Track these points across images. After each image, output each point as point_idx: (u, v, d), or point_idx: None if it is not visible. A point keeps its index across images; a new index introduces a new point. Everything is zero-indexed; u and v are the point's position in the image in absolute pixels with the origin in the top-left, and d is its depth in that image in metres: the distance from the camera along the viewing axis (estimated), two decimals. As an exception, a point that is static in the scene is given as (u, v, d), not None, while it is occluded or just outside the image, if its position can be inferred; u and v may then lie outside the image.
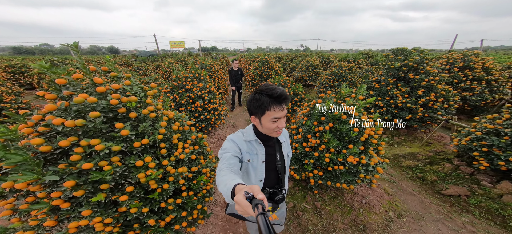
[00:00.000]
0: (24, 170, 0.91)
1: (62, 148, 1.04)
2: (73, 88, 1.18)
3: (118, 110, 1.20)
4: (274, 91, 0.86)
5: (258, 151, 1.03)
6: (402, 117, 3.34)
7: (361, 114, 2.00)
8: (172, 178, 1.41)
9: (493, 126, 2.17)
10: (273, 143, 1.10)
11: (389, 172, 3.36)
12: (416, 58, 3.29)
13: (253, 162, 1.03)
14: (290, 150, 1.22)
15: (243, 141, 1.03)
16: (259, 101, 0.88)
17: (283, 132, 1.18)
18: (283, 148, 1.13)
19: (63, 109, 1.10)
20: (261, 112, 0.90)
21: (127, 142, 1.20)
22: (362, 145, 1.92)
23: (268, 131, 0.96)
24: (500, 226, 2.16)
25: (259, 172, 1.05)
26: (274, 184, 1.11)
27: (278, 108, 0.88)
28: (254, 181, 1.05)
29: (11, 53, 78.22)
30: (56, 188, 1.07)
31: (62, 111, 1.10)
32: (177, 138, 1.50)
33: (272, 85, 0.90)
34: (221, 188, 0.70)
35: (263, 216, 0.46)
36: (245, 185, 0.61)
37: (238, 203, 0.53)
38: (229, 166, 0.85)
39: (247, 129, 1.07)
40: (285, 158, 1.13)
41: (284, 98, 0.87)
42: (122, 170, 1.17)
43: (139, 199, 1.31)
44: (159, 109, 1.48)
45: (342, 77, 5.47)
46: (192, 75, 3.60)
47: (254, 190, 0.54)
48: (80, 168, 1.02)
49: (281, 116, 0.90)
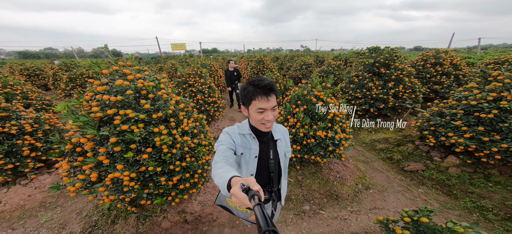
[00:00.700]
0: (89, 127, 1.44)
1: (109, 116, 1.56)
2: (112, 77, 1.70)
3: (141, 91, 1.72)
4: (260, 81, 0.87)
5: (252, 146, 1.02)
6: (377, 106, 3.82)
7: (328, 98, 2.50)
8: (179, 145, 1.93)
9: (437, 108, 2.65)
10: (267, 139, 1.07)
11: (365, 154, 3.84)
12: (386, 55, 3.79)
13: (246, 156, 1.01)
14: (288, 149, 1.16)
15: (237, 134, 1.03)
16: (246, 91, 0.90)
17: (280, 129, 1.16)
18: (279, 146, 1.09)
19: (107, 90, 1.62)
20: (248, 101, 0.91)
21: (148, 114, 1.72)
22: (329, 122, 2.42)
23: (255, 123, 0.95)
24: (446, 194, 2.63)
25: (251, 166, 1.03)
26: (265, 182, 1.09)
27: (263, 99, 0.87)
28: (245, 174, 1.04)
29: (16, 57, 79.70)
30: (102, 146, 1.59)
31: (106, 92, 1.63)
32: (183, 115, 2.02)
33: (261, 76, 0.92)
34: (216, 180, 0.70)
35: (259, 206, 0.46)
36: (241, 177, 0.61)
37: (235, 195, 0.53)
38: (224, 158, 0.85)
39: (244, 123, 1.07)
40: (281, 157, 1.09)
41: (269, 88, 0.86)
42: (144, 134, 1.69)
43: (155, 160, 1.82)
44: (169, 93, 2.00)
45: (330, 73, 5.97)
46: (195, 72, 4.13)
47: (250, 182, 0.54)
48: (120, 129, 1.54)
49: (267, 107, 0.88)
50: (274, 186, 1.09)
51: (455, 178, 2.65)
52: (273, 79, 4.97)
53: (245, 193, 0.52)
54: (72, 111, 1.48)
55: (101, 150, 1.56)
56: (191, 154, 2.14)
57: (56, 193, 2.71)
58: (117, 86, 1.59)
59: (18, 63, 13.22)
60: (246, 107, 0.95)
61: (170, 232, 2.22)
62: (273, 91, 0.88)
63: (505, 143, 2.08)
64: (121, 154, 1.65)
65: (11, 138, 2.39)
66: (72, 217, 2.36)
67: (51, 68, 8.58)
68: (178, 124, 2.00)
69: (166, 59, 18.50)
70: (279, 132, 1.13)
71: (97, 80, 1.69)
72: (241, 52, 53.25)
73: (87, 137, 1.48)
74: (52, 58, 22.14)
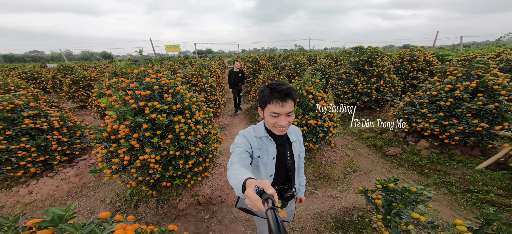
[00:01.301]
0: (128, 115, 1.79)
1: (140, 107, 1.92)
2: (140, 75, 2.05)
3: (164, 87, 2.08)
4: (278, 86, 0.87)
5: (269, 148, 1.03)
6: (362, 100, 4.30)
7: (317, 91, 2.93)
8: (193, 132, 2.29)
9: (409, 99, 3.13)
10: (283, 141, 1.09)
11: (353, 142, 4.31)
12: (368, 54, 4.28)
13: (263, 158, 1.02)
14: (302, 150, 1.19)
15: (253, 137, 1.04)
16: (263, 93, 0.90)
17: (295, 131, 1.17)
18: (294, 147, 1.12)
19: (136, 87, 1.98)
20: (264, 104, 0.91)
21: (169, 106, 2.09)
22: (318, 112, 2.85)
23: (269, 125, 0.96)
24: (420, 173, 3.09)
25: (269, 168, 1.04)
26: (284, 181, 1.11)
27: (278, 104, 0.87)
28: (264, 176, 1.05)
29: (1, 60, 76.46)
30: (135, 133, 1.94)
31: (137, 88, 1.98)
32: (195, 107, 2.39)
33: (281, 81, 0.92)
34: (232, 181, 0.70)
35: (272, 211, 0.46)
36: (256, 180, 0.61)
37: (249, 197, 0.53)
38: (240, 160, 0.86)
39: (259, 125, 1.08)
40: (296, 158, 1.12)
41: (285, 94, 0.86)
42: (167, 122, 2.05)
43: (174, 145, 2.18)
44: (183, 89, 2.37)
45: (322, 71, 6.45)
46: (197, 72, 4.48)
47: (265, 185, 0.54)
48: (149, 117, 1.90)
49: (281, 112, 0.88)
50: (293, 184, 1.13)
51: (426, 159, 3.14)
52: (269, 77, 5.37)
53: (259, 195, 0.52)
54: (111, 104, 1.82)
55: (135, 135, 1.91)
56: (202, 141, 2.51)
57: (90, 178, 3.00)
58: (146, 83, 1.95)
59: (9, 67, 13.00)
60: (262, 109, 0.95)
61: (185, 212, 2.57)
62: (289, 97, 0.87)
63: (461, 126, 2.57)
64: (149, 139, 2.00)
65: (41, 133, 2.68)
66: (98, 204, 2.67)
67: (46, 71, 8.65)
68: (192, 115, 2.37)
69: (161, 60, 18.62)
70: (294, 133, 1.15)
71: (127, 79, 2.04)
72: (236, 53, 53.55)
73: (125, 124, 1.83)
74: (42, 62, 21.68)
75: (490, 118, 2.42)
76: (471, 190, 2.41)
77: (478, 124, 2.45)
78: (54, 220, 0.73)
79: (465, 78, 2.57)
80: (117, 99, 1.84)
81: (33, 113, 2.65)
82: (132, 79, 2.05)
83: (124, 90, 1.99)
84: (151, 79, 1.98)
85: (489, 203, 2.22)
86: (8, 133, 2.39)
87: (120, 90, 1.99)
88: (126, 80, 2.01)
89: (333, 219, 2.39)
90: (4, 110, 2.42)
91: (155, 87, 1.94)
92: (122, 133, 1.91)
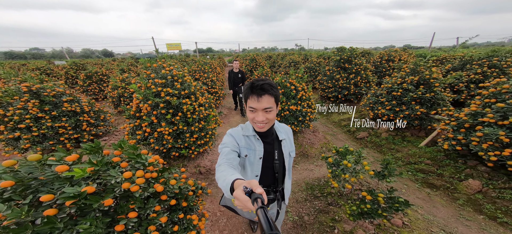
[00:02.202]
0: (151, 96, 2.47)
1: (158, 91, 2.60)
2: (158, 68, 2.73)
3: (175, 77, 2.76)
4: (256, 81, 0.89)
5: (256, 147, 1.02)
6: (342, 94, 4.99)
7: (299, 83, 3.61)
8: (197, 112, 2.97)
9: (373, 91, 3.82)
10: (272, 140, 1.08)
11: (333, 130, 5.01)
12: (348, 53, 4.97)
13: (250, 157, 1.02)
14: (292, 149, 1.18)
15: (241, 135, 1.04)
16: (244, 90, 0.93)
17: (284, 129, 1.16)
18: (283, 146, 1.10)
19: (155, 77, 2.66)
20: (245, 99, 0.93)
21: (179, 91, 2.77)
22: (301, 100, 3.53)
23: (250, 121, 0.98)
24: (379, 152, 3.78)
25: (256, 167, 1.03)
26: (270, 183, 1.10)
27: (254, 98, 0.88)
28: (250, 175, 1.04)
29: (2, 58, 76.76)
30: (154, 110, 2.62)
31: (155, 77, 2.67)
32: (198, 94, 3.07)
33: (263, 78, 0.93)
34: (220, 184, 0.71)
35: (262, 209, 0.46)
36: (244, 180, 0.62)
37: (238, 198, 0.53)
38: (227, 161, 0.86)
39: (247, 124, 1.07)
40: (286, 157, 1.10)
41: (260, 88, 0.87)
42: (177, 103, 2.73)
43: (183, 122, 2.86)
44: (190, 79, 3.05)
45: (312, 69, 7.12)
46: (199, 69, 5.16)
47: (253, 185, 0.54)
48: (165, 99, 2.58)
49: (258, 107, 0.89)
50: (278, 186, 1.11)
51: (384, 140, 3.83)
52: (264, 73, 6.04)
53: (248, 195, 0.52)
54: (138, 89, 2.50)
55: (154, 112, 2.59)
56: (204, 120, 3.20)
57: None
58: (162, 74, 2.63)
59: (18, 63, 13.64)
60: (246, 105, 0.97)
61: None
62: (265, 92, 0.87)
63: (407, 111, 3.26)
64: (164, 116, 2.68)
65: (75, 115, 3.36)
66: (119, 169, 3.36)
67: (63, 68, 9.30)
68: (196, 99, 3.05)
69: (164, 58, 19.35)
70: (283, 132, 1.13)
71: (148, 71, 2.72)
72: (236, 52, 54.11)
73: (148, 103, 2.51)
74: (45, 58, 22.28)
75: (428, 105, 3.12)
76: (411, 162, 3.12)
77: (419, 110, 3.15)
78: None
79: (411, 73, 3.26)
80: (141, 85, 2.52)
81: (69, 99, 3.34)
82: (151, 71, 2.73)
83: (146, 79, 2.68)
84: (165, 71, 2.67)
85: (420, 171, 2.92)
86: (53, 113, 3.08)
87: (143, 79, 2.67)
88: (147, 71, 2.70)
89: (306, 184, 3.07)
90: (49, 95, 3.10)
91: (169, 76, 2.63)
92: (145, 110, 2.59)
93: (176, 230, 1.18)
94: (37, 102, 3.00)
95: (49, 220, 0.74)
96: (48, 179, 0.84)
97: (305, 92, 3.61)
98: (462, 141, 2.39)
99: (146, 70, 2.75)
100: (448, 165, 2.74)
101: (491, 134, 2.04)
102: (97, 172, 0.94)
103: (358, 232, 2.00)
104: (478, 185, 2.33)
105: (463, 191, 2.40)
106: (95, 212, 0.87)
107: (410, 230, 1.97)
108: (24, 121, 2.89)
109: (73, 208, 0.80)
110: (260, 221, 0.44)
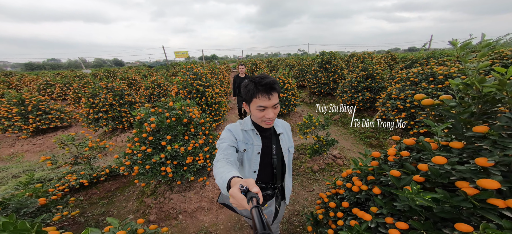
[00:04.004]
0: (188, 85, 3.99)
1: (191, 83, 4.11)
2: (189, 70, 4.26)
3: (199, 74, 4.28)
4: (262, 79, 0.88)
5: (254, 142, 1.03)
6: (324, 89, 6.38)
7: (285, 77, 5.05)
8: (214, 98, 4.44)
9: (342, 84, 5.21)
10: (269, 134, 1.08)
11: (315, 115, 6.36)
12: (328, 56, 6.38)
13: (248, 152, 1.02)
14: (291, 144, 1.17)
15: (239, 130, 1.04)
16: (248, 88, 0.91)
17: (282, 124, 1.16)
18: (282, 141, 1.11)
19: (186, 75, 4.19)
20: (249, 99, 0.92)
21: (203, 83, 4.26)
22: (287, 90, 4.96)
23: (256, 119, 0.97)
24: (345, 128, 5.09)
25: (254, 163, 1.03)
26: (268, 179, 1.10)
27: (264, 97, 0.88)
28: (248, 171, 1.04)
29: (23, 69, 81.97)
30: (189, 94, 4.11)
31: (185, 76, 4.20)
32: (214, 86, 4.56)
33: (264, 74, 0.92)
34: (217, 180, 0.71)
35: (257, 209, 0.47)
36: (241, 178, 0.63)
37: (233, 197, 0.54)
38: (225, 157, 0.87)
39: (246, 119, 1.08)
40: (285, 152, 1.10)
41: (270, 87, 0.87)
42: (203, 90, 4.21)
43: (206, 102, 4.33)
44: (209, 76, 4.56)
45: (303, 71, 8.56)
46: (210, 71, 6.71)
47: (249, 184, 0.55)
48: (196, 88, 4.07)
49: (268, 105, 0.90)
50: (277, 183, 1.11)
51: (349, 119, 5.18)
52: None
53: (243, 194, 0.53)
54: (179, 81, 4.01)
55: (188, 96, 4.08)
56: (219, 104, 4.67)
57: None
58: (195, 72, 4.15)
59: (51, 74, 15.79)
60: (247, 104, 0.96)
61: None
62: (274, 90, 0.89)
63: (361, 96, 4.62)
64: (195, 99, 4.17)
65: (131, 104, 4.92)
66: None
67: (97, 74, 11.17)
68: (213, 89, 4.54)
69: (175, 65, 21.29)
70: (281, 126, 1.14)
71: (182, 71, 4.24)
72: (240, 58, 56.46)
73: (186, 90, 4.01)
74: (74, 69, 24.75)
75: (375, 92, 4.47)
76: (362, 132, 4.45)
77: (367, 95, 4.51)
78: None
79: (362, 70, 4.65)
80: (180, 79, 4.04)
81: (127, 93, 4.92)
82: (184, 71, 4.24)
83: (184, 75, 4.20)
84: (198, 69, 4.19)
85: (366, 137, 4.24)
86: (121, 101, 4.65)
87: (183, 75, 4.19)
88: (183, 70, 4.22)
89: None
90: (118, 90, 4.68)
91: (198, 73, 4.15)
92: (182, 95, 4.09)
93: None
94: (111, 94, 4.58)
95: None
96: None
97: (290, 84, 5.05)
98: (385, 112, 3.74)
99: (184, 70, 4.28)
100: (382, 131, 4.08)
101: (392, 105, 3.39)
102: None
103: (315, 167, 3.36)
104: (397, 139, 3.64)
105: (387, 146, 3.72)
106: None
107: (343, 160, 3.32)
108: (104, 106, 4.47)
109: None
110: (254, 220, 0.45)
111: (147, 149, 2.22)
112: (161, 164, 2.27)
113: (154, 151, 2.28)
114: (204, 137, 2.58)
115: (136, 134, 2.29)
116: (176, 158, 2.32)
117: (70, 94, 7.04)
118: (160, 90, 6.96)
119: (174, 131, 2.35)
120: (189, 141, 2.41)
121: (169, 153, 2.24)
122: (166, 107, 2.42)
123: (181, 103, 2.48)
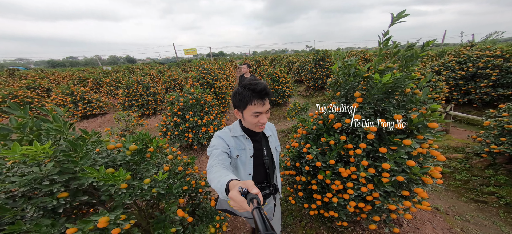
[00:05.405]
0: (200, 78, 5.06)
1: (203, 76, 5.18)
2: (200, 66, 5.33)
3: (209, 69, 5.32)
4: (256, 85, 0.89)
5: (246, 146, 1.06)
6: (318, 83, 7.22)
7: (281, 72, 5.99)
8: (221, 88, 5.48)
9: (330, 79, 6.05)
10: (259, 137, 1.13)
11: (309, 105, 7.24)
12: (321, 54, 7.18)
13: (242, 157, 1.05)
14: (278, 144, 1.24)
15: (230, 137, 1.06)
16: (241, 95, 0.92)
17: (269, 126, 1.21)
18: (270, 142, 1.16)
19: (199, 70, 5.26)
20: (243, 106, 0.94)
21: (212, 76, 5.30)
22: (282, 83, 5.89)
23: (250, 125, 1.00)
24: None
25: (248, 166, 1.06)
26: (262, 179, 1.15)
27: (259, 103, 0.91)
28: (243, 175, 1.07)
29: (46, 66, 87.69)
30: (201, 84, 5.17)
31: (197, 70, 5.27)
32: (221, 79, 5.59)
33: (256, 80, 0.93)
34: (214, 185, 0.71)
35: (258, 210, 0.47)
36: (239, 181, 0.63)
37: (233, 199, 0.54)
38: (220, 161, 0.87)
39: (234, 125, 1.11)
40: (273, 152, 1.16)
41: (265, 93, 0.90)
42: (212, 82, 5.25)
43: (215, 93, 5.37)
44: (217, 71, 5.60)
45: (302, 67, 9.38)
46: (218, 67, 7.76)
47: (248, 185, 0.55)
48: (206, 80, 5.13)
49: (262, 111, 0.93)
50: (271, 181, 1.17)
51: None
52: (255, 76, 8.43)
53: (243, 196, 0.53)
54: (193, 74, 5.08)
55: (200, 87, 5.15)
56: (225, 94, 5.69)
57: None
58: (205, 67, 5.21)
59: (76, 71, 17.53)
60: (240, 110, 0.98)
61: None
62: (267, 96, 0.93)
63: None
64: (205, 88, 5.23)
65: (155, 94, 6.09)
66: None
67: (115, 72, 12.60)
68: (220, 81, 5.57)
69: (184, 62, 22.67)
70: (268, 129, 1.19)
71: (196, 66, 5.31)
72: (247, 54, 57.20)
73: (199, 82, 5.08)
74: (92, 66, 26.97)
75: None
76: None
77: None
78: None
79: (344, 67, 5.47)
80: (193, 75, 5.11)
81: (151, 85, 6.09)
82: (197, 67, 5.29)
83: (197, 69, 5.26)
84: (208, 66, 5.24)
85: None
86: (147, 92, 5.82)
87: (196, 70, 5.25)
88: (194, 66, 5.29)
89: (281, 130, 5.41)
90: (145, 83, 5.86)
91: (208, 69, 5.21)
92: (195, 85, 5.15)
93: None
94: (140, 87, 5.76)
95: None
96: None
97: (285, 78, 5.98)
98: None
99: (196, 66, 5.35)
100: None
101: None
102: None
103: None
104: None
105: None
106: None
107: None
108: (136, 96, 5.66)
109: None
110: (256, 221, 0.45)
111: (177, 119, 3.30)
112: (185, 131, 3.35)
113: (181, 121, 3.36)
114: (213, 115, 3.62)
115: (170, 110, 3.37)
116: (195, 128, 3.39)
117: (104, 87, 8.40)
118: (175, 83, 8.12)
119: (194, 109, 3.41)
120: (204, 117, 3.47)
121: (190, 123, 3.31)
122: (189, 93, 3.48)
123: (198, 90, 3.53)
